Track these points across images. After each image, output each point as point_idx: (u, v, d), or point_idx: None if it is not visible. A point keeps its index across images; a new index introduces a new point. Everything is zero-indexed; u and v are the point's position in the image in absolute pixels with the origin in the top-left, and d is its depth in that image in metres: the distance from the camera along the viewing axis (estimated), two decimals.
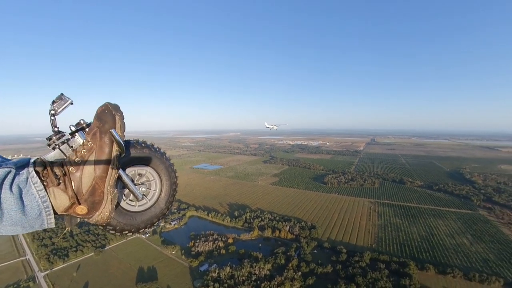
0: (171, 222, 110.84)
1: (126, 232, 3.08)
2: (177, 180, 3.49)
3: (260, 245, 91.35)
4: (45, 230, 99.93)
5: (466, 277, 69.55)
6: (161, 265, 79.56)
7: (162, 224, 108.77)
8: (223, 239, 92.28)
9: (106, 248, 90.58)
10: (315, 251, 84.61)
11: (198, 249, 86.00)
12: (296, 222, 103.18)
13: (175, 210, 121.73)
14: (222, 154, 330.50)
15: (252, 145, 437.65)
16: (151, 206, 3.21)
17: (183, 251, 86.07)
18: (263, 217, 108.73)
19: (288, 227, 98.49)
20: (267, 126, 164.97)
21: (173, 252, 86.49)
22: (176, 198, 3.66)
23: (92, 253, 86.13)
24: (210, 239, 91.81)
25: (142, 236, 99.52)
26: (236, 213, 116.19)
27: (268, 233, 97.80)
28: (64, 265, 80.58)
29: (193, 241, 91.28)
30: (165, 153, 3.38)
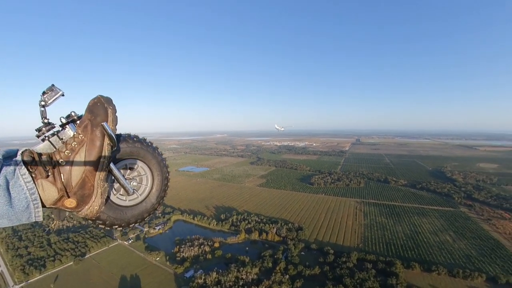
0: (156, 227, 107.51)
1: (116, 226, 3.00)
2: (169, 175, 3.45)
3: (247, 248, 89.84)
4: (20, 239, 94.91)
5: (451, 274, 70.87)
6: (145, 272, 76.65)
7: (146, 229, 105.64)
8: (209, 243, 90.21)
9: (86, 257, 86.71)
10: (303, 253, 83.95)
11: (184, 254, 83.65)
12: (283, 223, 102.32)
13: (160, 215, 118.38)
14: (209, 156, 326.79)
15: (239, 146, 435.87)
16: (142, 201, 3.17)
17: (167, 257, 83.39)
18: (250, 220, 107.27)
19: (275, 229, 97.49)
20: (277, 127, 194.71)
21: (157, 258, 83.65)
22: (161, 202, 3.52)
23: (71, 262, 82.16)
24: (196, 243, 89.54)
25: (125, 242, 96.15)
26: (222, 216, 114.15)
27: (255, 235, 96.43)
28: (40, 276, 76.46)
29: (178, 247, 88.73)
30: (157, 148, 3.36)
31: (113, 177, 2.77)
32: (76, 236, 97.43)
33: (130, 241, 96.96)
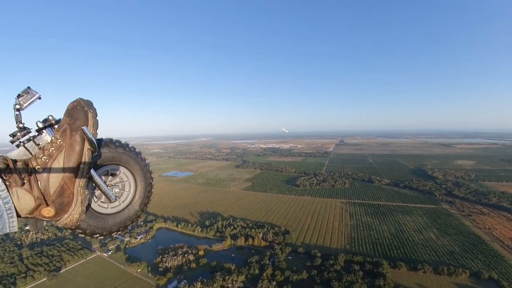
0: (137, 236, 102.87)
1: (97, 235, 2.91)
2: (152, 181, 3.38)
3: (233, 255, 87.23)
4: None
5: (436, 272, 71.33)
6: (125, 286, 72.64)
7: (127, 239, 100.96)
8: (193, 251, 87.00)
9: (61, 271, 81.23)
10: (290, 257, 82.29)
11: (167, 264, 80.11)
12: (269, 228, 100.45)
13: (142, 223, 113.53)
14: (193, 160, 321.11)
15: (224, 149, 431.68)
16: (125, 208, 3.09)
17: (149, 268, 79.44)
18: (235, 225, 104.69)
19: (261, 234, 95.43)
20: (284, 130, 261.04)
21: (139, 270, 79.55)
22: (144, 209, 3.44)
23: (45, 278, 76.58)
24: (180, 252, 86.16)
25: (104, 254, 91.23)
26: (207, 222, 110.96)
27: (241, 241, 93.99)
28: None
29: (161, 256, 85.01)
30: (140, 153, 3.27)
31: (94, 184, 2.65)
32: (50, 250, 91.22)
33: (109, 253, 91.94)
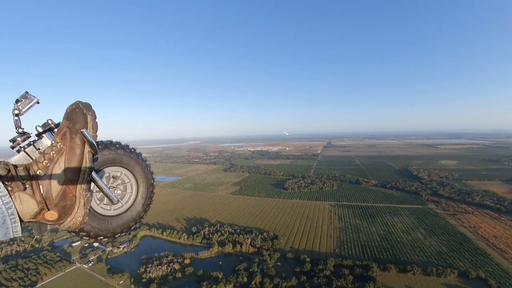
0: (120, 246, 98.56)
1: (101, 237, 2.92)
2: (154, 181, 3.39)
3: (220, 262, 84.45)
4: None
5: (425, 273, 71.13)
6: None
7: (109, 249, 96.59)
8: (179, 260, 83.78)
9: (37, 286, 76.40)
10: (279, 263, 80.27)
11: (150, 275, 76.67)
12: (257, 233, 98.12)
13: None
14: (180, 164, 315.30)
15: (212, 153, 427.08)
16: (127, 209, 3.11)
17: (132, 280, 75.69)
18: (223, 231, 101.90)
19: (249, 240, 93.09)
20: (285, 133, 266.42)
21: (121, 281, 75.84)
22: (147, 210, 3.46)
23: None
24: (164, 261, 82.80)
25: (84, 265, 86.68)
26: (194, 229, 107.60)
27: (228, 248, 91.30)
28: None
29: (144, 266, 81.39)
30: (141, 154, 3.31)
31: (95, 186, 2.62)
32: (26, 263, 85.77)
33: (90, 264, 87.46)
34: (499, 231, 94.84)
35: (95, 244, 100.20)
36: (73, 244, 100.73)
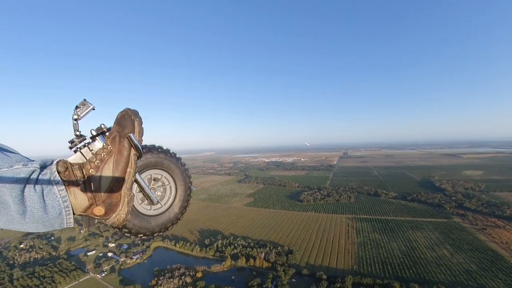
0: (133, 256, 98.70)
1: (141, 235, 2.99)
2: (191, 185, 3.51)
3: (233, 277, 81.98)
4: None
5: None
6: None
7: (122, 259, 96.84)
8: (191, 273, 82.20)
9: None
10: (294, 279, 76.81)
11: None
12: (272, 247, 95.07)
13: (139, 241, 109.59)
14: (195, 175, 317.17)
15: (227, 164, 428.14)
16: (166, 210, 3.18)
17: None
18: (236, 244, 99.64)
19: (263, 254, 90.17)
20: (306, 144, 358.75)
21: None
22: (183, 212, 3.53)
23: None
24: (176, 274, 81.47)
25: (98, 275, 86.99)
26: (206, 241, 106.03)
27: (242, 262, 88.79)
28: None
29: (156, 279, 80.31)
30: (180, 158, 3.40)
31: (138, 187, 2.76)
32: (43, 270, 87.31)
33: (103, 274, 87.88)
34: None
35: (109, 254, 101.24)
36: (88, 253, 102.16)
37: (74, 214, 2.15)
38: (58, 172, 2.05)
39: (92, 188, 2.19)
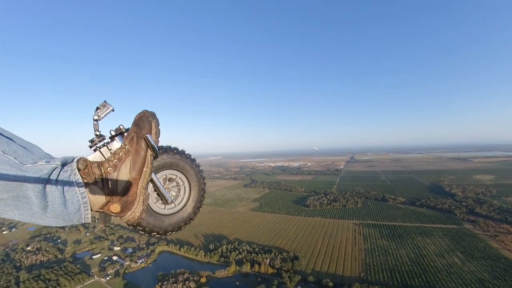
0: (138, 260, 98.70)
1: (155, 233, 3.07)
2: (205, 186, 3.49)
3: (237, 283, 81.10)
4: None
5: None
6: None
7: (127, 263, 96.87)
8: (195, 278, 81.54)
9: None
10: (299, 286, 75.47)
11: None
12: (277, 253, 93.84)
13: (144, 245, 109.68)
14: None
15: (233, 168, 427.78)
16: (179, 210, 3.22)
17: None
18: (241, 249, 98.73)
19: (268, 260, 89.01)
20: (315, 148, 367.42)
21: None
22: (197, 212, 3.54)
23: None
24: (180, 279, 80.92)
25: (102, 279, 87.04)
26: (211, 246, 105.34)
27: (246, 268, 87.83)
28: None
29: (160, 283, 79.93)
30: (195, 160, 3.41)
31: (153, 186, 2.83)
32: (48, 273, 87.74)
33: (108, 278, 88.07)
34: None
35: (114, 258, 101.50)
36: (94, 257, 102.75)
37: (91, 210, 2.23)
38: (78, 170, 2.13)
39: (110, 186, 2.29)
